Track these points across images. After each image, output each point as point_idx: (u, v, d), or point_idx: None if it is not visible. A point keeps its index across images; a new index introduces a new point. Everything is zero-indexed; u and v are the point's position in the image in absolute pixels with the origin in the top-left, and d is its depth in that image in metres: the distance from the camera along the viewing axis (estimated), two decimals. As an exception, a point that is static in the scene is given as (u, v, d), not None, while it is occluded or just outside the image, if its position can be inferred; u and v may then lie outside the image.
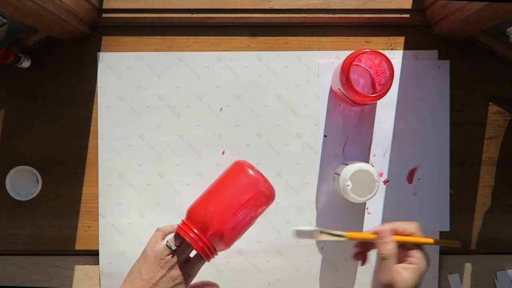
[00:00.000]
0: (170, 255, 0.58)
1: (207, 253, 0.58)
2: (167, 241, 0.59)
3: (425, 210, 0.74)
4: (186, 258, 0.59)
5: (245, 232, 0.61)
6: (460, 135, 0.75)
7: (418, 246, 0.55)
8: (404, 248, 0.55)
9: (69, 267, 0.75)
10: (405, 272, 0.53)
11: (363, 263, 0.60)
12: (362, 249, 0.60)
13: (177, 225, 0.60)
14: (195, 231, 0.57)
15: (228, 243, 0.59)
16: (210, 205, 0.58)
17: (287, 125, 0.75)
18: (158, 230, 0.61)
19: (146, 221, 0.75)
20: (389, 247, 0.54)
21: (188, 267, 0.58)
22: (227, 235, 0.58)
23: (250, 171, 0.60)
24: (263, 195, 0.59)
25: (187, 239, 0.57)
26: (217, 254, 0.59)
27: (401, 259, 0.55)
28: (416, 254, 0.54)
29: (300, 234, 0.57)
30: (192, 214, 0.59)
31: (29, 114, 0.75)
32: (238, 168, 0.61)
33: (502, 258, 0.75)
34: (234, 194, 0.59)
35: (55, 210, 0.75)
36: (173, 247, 0.58)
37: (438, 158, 0.75)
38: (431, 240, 0.55)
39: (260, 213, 0.60)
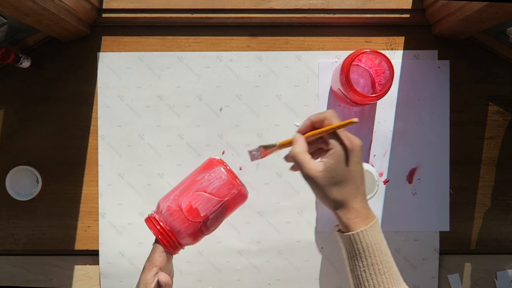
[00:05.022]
0: None
1: (172, 246, 0.57)
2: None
3: (425, 210, 0.74)
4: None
5: (217, 229, 0.60)
6: (460, 135, 0.75)
7: (333, 134, 0.54)
8: (323, 144, 0.55)
9: (69, 267, 0.75)
10: (312, 161, 0.53)
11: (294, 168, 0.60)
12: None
13: (148, 214, 0.59)
14: (161, 223, 0.57)
15: (194, 238, 0.58)
16: (177, 197, 0.58)
17: (287, 125, 0.75)
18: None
19: (146, 221, 0.75)
20: (295, 148, 0.54)
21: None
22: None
23: (222, 168, 0.59)
24: (235, 193, 0.58)
25: (153, 231, 0.57)
26: (183, 248, 0.58)
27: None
28: (329, 141, 0.54)
29: (252, 155, 0.60)
30: (160, 206, 0.59)
31: (29, 114, 0.75)
32: (208, 163, 0.60)
33: (502, 258, 0.75)
34: (200, 187, 0.58)
35: (55, 210, 0.75)
36: None
37: (438, 158, 0.75)
38: (331, 126, 0.54)
39: (229, 209, 0.59)
